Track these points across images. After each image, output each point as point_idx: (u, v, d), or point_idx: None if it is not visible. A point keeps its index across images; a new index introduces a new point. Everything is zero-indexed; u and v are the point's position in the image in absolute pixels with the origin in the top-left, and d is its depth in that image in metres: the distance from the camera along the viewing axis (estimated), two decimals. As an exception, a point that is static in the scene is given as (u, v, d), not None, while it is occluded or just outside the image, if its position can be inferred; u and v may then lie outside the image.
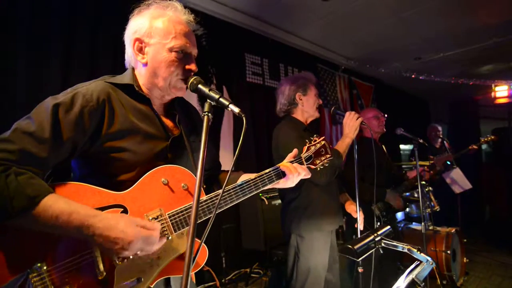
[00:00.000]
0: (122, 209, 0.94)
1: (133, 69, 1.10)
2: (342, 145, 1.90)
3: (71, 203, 0.83)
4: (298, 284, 1.89)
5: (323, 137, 1.36)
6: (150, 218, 0.96)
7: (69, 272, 0.85)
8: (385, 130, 2.83)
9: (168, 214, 0.99)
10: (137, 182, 0.98)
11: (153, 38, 1.02)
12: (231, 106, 0.88)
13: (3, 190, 0.76)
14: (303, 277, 1.88)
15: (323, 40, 4.40)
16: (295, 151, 1.28)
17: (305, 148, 1.32)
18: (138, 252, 0.88)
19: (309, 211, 1.92)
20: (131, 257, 0.90)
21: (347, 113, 1.94)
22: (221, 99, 0.89)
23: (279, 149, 1.94)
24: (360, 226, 1.96)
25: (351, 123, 1.90)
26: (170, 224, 0.98)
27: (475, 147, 3.88)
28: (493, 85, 5.61)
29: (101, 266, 0.88)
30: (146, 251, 0.89)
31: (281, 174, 1.18)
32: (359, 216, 1.94)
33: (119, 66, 1.15)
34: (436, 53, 4.84)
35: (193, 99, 3.06)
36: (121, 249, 0.84)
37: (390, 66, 5.30)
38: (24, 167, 0.81)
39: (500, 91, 5.59)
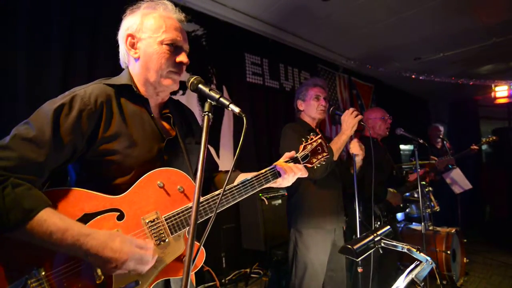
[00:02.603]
0: (119, 213, 0.94)
1: (128, 68, 1.11)
2: (338, 142, 1.92)
3: (65, 219, 0.83)
4: (297, 279, 1.94)
5: (320, 136, 1.35)
6: (147, 221, 0.96)
7: (67, 277, 0.85)
8: (387, 133, 2.82)
9: (164, 217, 0.99)
10: (133, 186, 0.98)
11: (144, 32, 1.04)
12: (232, 106, 0.88)
13: None
14: (301, 272, 1.93)
15: (323, 40, 4.39)
16: (292, 152, 1.28)
17: (302, 147, 1.31)
18: (130, 272, 0.88)
19: (306, 208, 1.96)
20: None
21: (347, 111, 1.95)
22: (221, 99, 0.88)
23: (281, 149, 2.00)
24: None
25: (349, 120, 1.91)
26: (167, 227, 0.98)
27: (476, 147, 3.87)
28: (493, 85, 5.61)
29: (99, 270, 0.88)
30: (139, 271, 0.89)
31: (277, 174, 1.18)
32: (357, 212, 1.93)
33: (119, 66, 1.16)
34: (436, 53, 4.84)
35: (193, 99, 3.07)
36: (115, 268, 0.84)
37: (390, 66, 5.30)
38: (22, 175, 0.81)
39: (500, 91, 5.59)
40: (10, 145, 0.82)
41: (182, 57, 1.06)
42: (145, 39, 1.04)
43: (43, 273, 0.83)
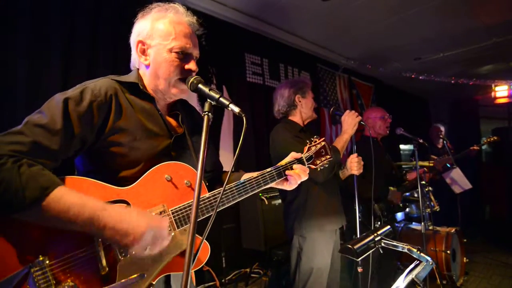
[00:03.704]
0: (126, 205, 0.94)
1: (138, 69, 1.12)
2: (340, 141, 1.91)
3: (82, 195, 0.84)
4: (300, 284, 1.90)
5: (323, 138, 1.37)
6: (153, 214, 0.97)
7: (71, 267, 0.85)
8: (388, 132, 2.82)
9: (171, 210, 1.00)
10: (140, 178, 0.99)
11: (154, 39, 1.05)
12: (231, 106, 0.88)
13: (15, 180, 0.76)
14: (305, 277, 1.89)
15: (323, 40, 4.39)
16: (299, 153, 1.29)
17: (306, 148, 1.33)
18: (147, 249, 0.87)
19: (309, 211, 1.93)
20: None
21: (347, 111, 1.95)
22: (221, 99, 0.89)
23: (277, 150, 1.97)
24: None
25: (349, 120, 1.92)
26: (173, 221, 0.99)
27: (476, 148, 3.87)
28: (493, 85, 5.61)
29: (104, 261, 0.88)
30: (156, 247, 0.88)
31: (283, 173, 1.20)
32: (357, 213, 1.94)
33: (119, 66, 1.17)
34: (436, 53, 4.84)
35: (193, 99, 3.06)
36: (132, 241, 0.83)
37: (390, 66, 5.30)
38: (35, 159, 0.82)
39: (500, 91, 5.59)
40: (23, 130, 0.83)
41: (191, 65, 1.06)
42: (155, 46, 1.05)
43: (47, 262, 0.83)
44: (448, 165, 3.68)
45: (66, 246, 0.86)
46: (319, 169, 1.34)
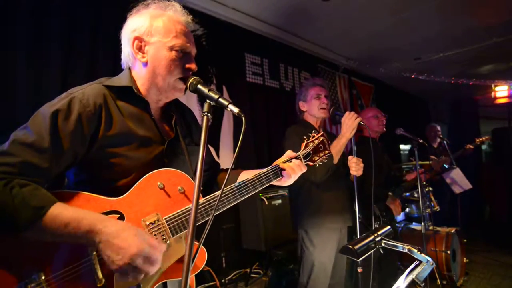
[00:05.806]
0: (119, 215, 0.92)
1: (130, 70, 1.08)
2: (337, 145, 1.91)
3: (78, 210, 0.83)
4: (305, 277, 2.02)
5: (322, 133, 1.32)
6: (147, 223, 0.95)
7: (67, 281, 0.84)
8: (385, 130, 2.83)
9: (165, 219, 0.98)
10: (132, 187, 0.96)
11: (153, 36, 1.01)
12: (231, 106, 0.87)
13: (8, 203, 0.75)
14: (309, 270, 2.00)
15: (323, 40, 4.39)
16: (293, 153, 1.26)
17: (303, 145, 1.28)
18: (137, 272, 0.83)
19: (312, 208, 2.03)
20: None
21: (346, 113, 1.95)
22: (220, 99, 0.88)
23: (284, 150, 2.00)
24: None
25: (349, 122, 1.91)
26: (168, 229, 0.97)
27: (471, 146, 3.88)
28: (493, 85, 5.61)
29: (100, 273, 0.86)
30: (144, 270, 0.83)
31: (279, 173, 1.18)
32: (357, 216, 1.95)
33: (119, 66, 1.15)
34: (436, 53, 4.84)
35: (193, 100, 3.07)
36: (121, 261, 0.80)
37: (390, 66, 5.29)
38: (26, 178, 0.80)
39: (500, 91, 5.59)
40: (10, 150, 0.81)
41: (192, 65, 1.05)
42: (154, 43, 1.01)
43: (43, 277, 0.81)
44: (446, 166, 3.68)
45: (61, 260, 0.84)
46: (317, 165, 1.31)
